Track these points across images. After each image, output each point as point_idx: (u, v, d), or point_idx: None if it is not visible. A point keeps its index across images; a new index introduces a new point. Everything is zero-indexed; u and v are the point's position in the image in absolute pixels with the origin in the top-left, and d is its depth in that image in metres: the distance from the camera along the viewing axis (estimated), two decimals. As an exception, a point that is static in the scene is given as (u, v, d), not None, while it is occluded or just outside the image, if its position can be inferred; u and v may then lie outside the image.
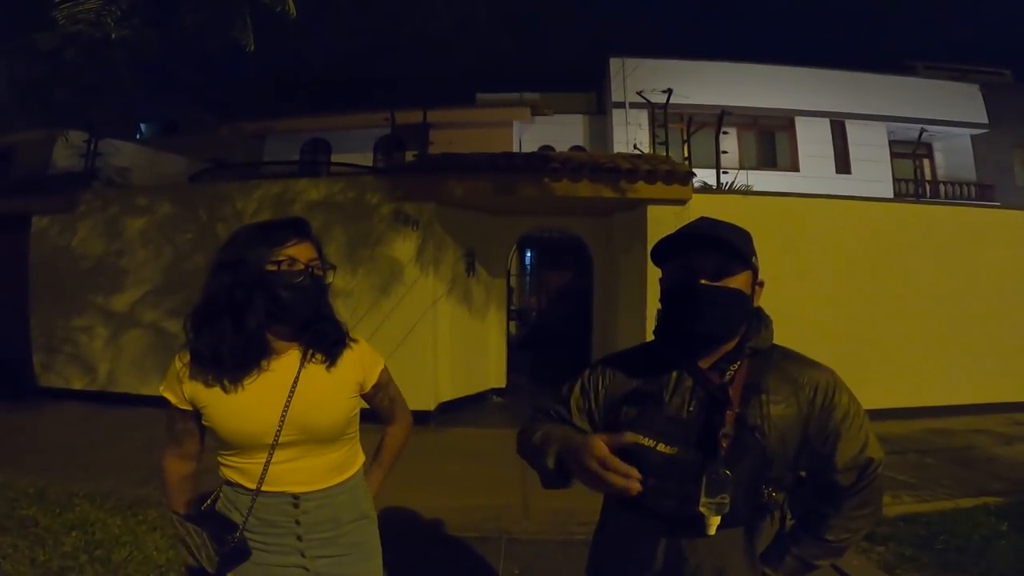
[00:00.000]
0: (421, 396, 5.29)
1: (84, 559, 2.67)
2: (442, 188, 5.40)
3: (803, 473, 1.08)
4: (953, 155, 13.76)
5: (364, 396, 1.39)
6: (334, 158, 11.31)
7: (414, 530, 3.22)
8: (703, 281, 1.02)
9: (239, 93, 13.15)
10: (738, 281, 1.03)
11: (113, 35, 3.30)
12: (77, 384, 6.09)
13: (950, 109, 13.01)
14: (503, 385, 6.69)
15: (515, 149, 11.50)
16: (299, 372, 1.22)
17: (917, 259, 6.02)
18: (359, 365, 1.33)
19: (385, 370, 1.41)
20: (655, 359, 1.14)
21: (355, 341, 1.34)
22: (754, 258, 1.07)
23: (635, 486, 0.89)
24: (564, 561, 2.82)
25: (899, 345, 5.91)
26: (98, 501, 3.26)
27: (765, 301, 1.14)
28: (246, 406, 1.18)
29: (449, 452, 4.72)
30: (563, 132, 12.05)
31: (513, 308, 7.44)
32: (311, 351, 1.26)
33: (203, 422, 1.22)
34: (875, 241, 5.99)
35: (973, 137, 13.46)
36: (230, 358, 1.16)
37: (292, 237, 1.20)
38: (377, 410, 1.46)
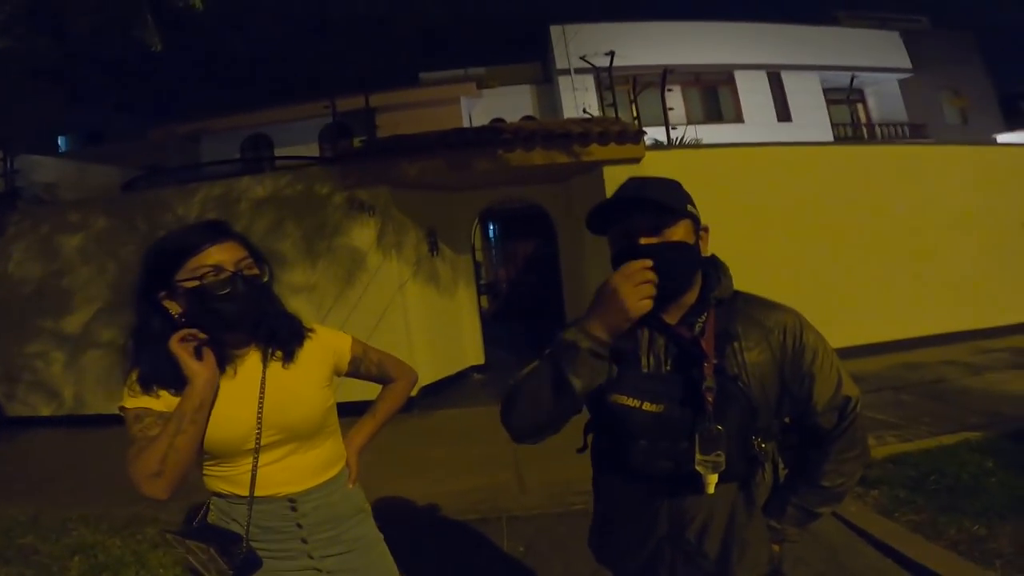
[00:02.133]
0: (401, 383, 5.24)
1: None
2: (394, 171, 5.28)
3: (788, 420, 1.11)
4: (884, 99, 14.62)
5: (349, 374, 1.35)
6: (278, 152, 10.88)
7: (412, 519, 3.20)
8: (642, 240, 1.01)
9: (167, 96, 12.45)
10: (678, 232, 1.03)
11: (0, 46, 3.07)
12: (45, 411, 5.84)
13: (875, 56, 13.72)
14: (482, 361, 6.69)
15: (465, 124, 11.32)
16: (264, 372, 1.18)
17: (865, 198, 6.25)
18: (325, 352, 1.29)
19: (355, 342, 1.37)
20: None
21: (311, 330, 1.29)
22: (689, 206, 1.06)
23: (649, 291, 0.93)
24: (566, 533, 2.81)
25: (858, 283, 6.15)
26: (92, 524, 3.17)
27: (721, 251, 1.14)
28: (221, 413, 1.13)
29: (436, 436, 4.70)
30: (512, 103, 11.94)
31: (483, 282, 7.44)
32: (270, 349, 1.20)
33: None
34: (826, 184, 6.19)
35: (900, 81, 14.30)
36: (175, 381, 1.09)
37: (207, 242, 1.09)
38: (371, 380, 1.44)
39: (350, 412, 1.55)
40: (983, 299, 6.50)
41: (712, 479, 0.98)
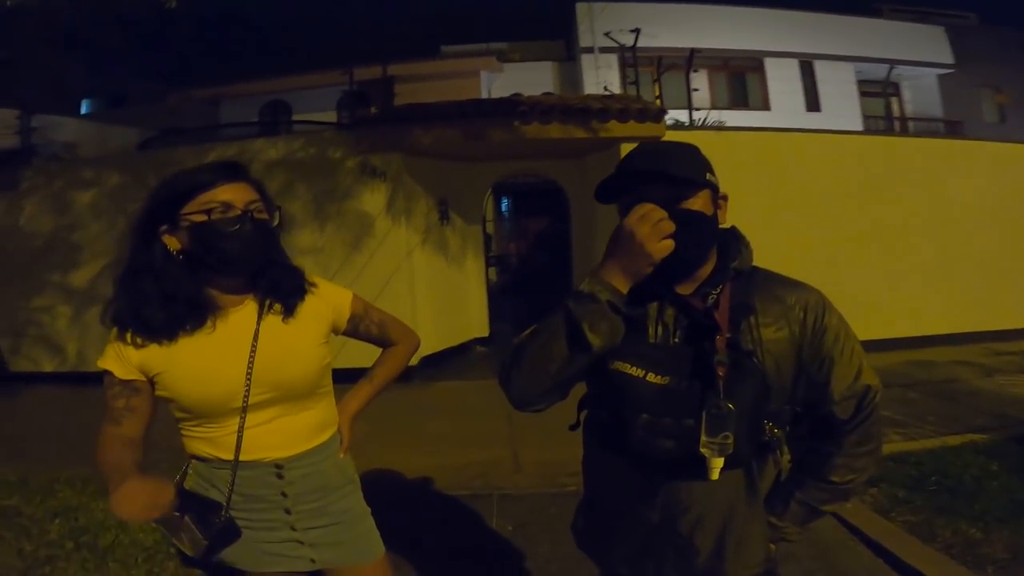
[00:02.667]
0: (402, 351, 5.21)
1: (70, 546, 2.58)
2: (408, 138, 5.21)
3: (799, 409, 1.02)
4: (920, 93, 14.06)
5: (347, 333, 1.29)
6: (296, 118, 10.84)
7: (403, 492, 3.17)
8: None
9: (189, 61, 12.46)
10: (696, 203, 0.95)
11: (8, 2, 3.06)
12: (47, 367, 5.88)
13: (916, 50, 13.18)
14: (486, 334, 6.64)
15: (484, 98, 11.16)
16: (258, 325, 1.11)
17: (891, 191, 6.05)
18: (325, 307, 1.22)
19: (356, 299, 1.30)
20: (631, 292, 1.00)
21: (314, 284, 1.22)
22: (709, 174, 0.98)
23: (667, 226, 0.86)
24: (557, 514, 2.73)
25: (876, 276, 5.99)
26: (79, 486, 3.15)
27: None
28: (207, 368, 1.06)
29: (435, 408, 4.67)
30: (533, 80, 11.67)
31: (492, 255, 7.39)
32: (268, 301, 1.14)
33: (158, 392, 1.08)
34: (849, 174, 6.01)
35: (939, 77, 13.68)
36: (159, 318, 1.03)
37: (220, 179, 1.05)
38: (370, 341, 1.37)
39: (345, 379, 1.48)
40: (1001, 301, 6.31)
41: (717, 463, 0.89)
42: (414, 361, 5.31)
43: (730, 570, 0.99)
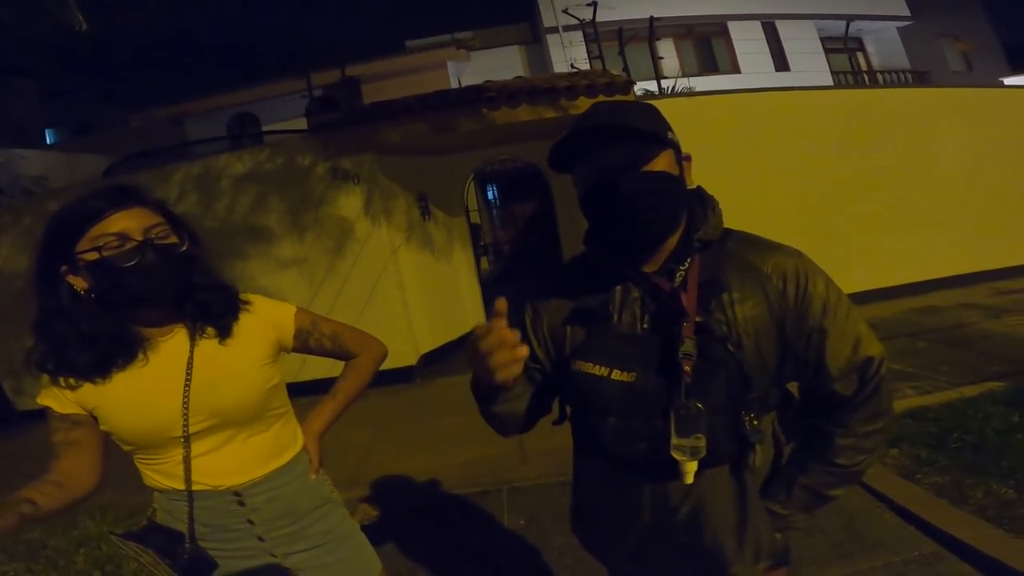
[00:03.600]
0: (401, 352, 5.17)
1: (97, 575, 2.63)
2: (377, 137, 5.13)
3: (789, 389, 0.94)
4: (884, 46, 14.26)
5: (297, 350, 1.21)
6: (265, 129, 10.68)
7: (412, 495, 3.16)
8: (620, 177, 0.84)
9: (149, 81, 12.21)
10: (660, 164, 0.86)
11: None
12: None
13: (873, 4, 13.33)
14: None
15: (453, 88, 11.05)
16: (191, 352, 1.05)
17: (872, 142, 6.06)
18: (265, 325, 1.15)
19: (301, 312, 1.21)
20: (593, 269, 0.97)
21: (248, 302, 1.15)
22: (670, 133, 0.89)
23: (521, 352, 0.73)
24: (568, 503, 2.71)
25: (869, 227, 6.01)
26: (98, 516, 3.15)
27: (723, 200, 0.97)
28: (141, 400, 1.01)
29: (438, 406, 4.65)
30: (502, 65, 11.58)
31: (483, 244, 7.33)
32: (199, 325, 1.07)
33: (100, 425, 1.04)
34: (826, 129, 6.01)
35: (900, 29, 13.89)
36: (81, 361, 0.97)
37: (108, 209, 0.95)
38: (326, 355, 1.28)
39: (311, 391, 1.46)
40: (998, 239, 6.34)
41: (691, 467, 0.82)
42: (414, 360, 5.37)
43: (734, 566, 0.92)
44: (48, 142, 12.68)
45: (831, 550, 2.22)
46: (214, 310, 1.08)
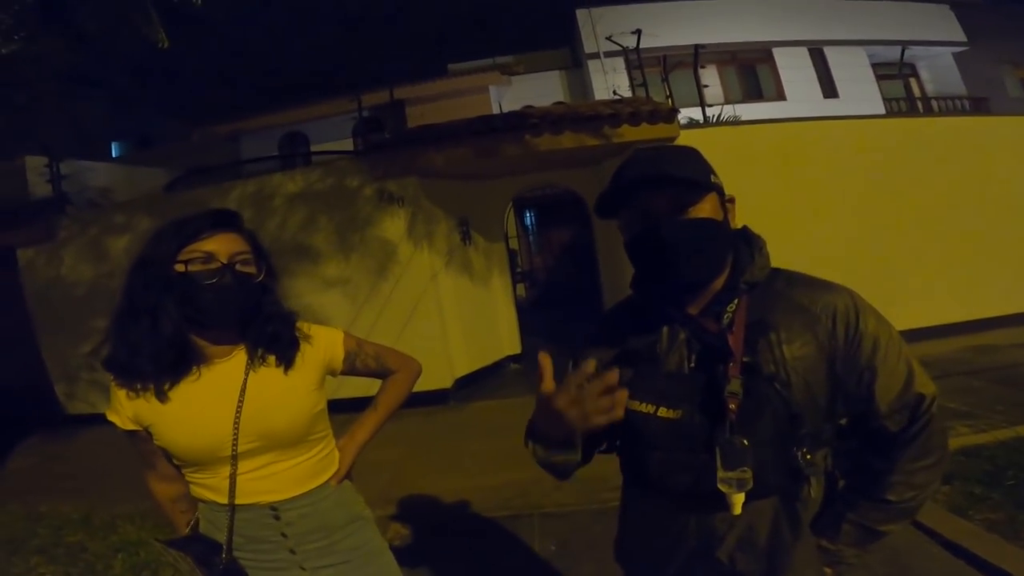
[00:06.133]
0: (436, 374, 5.22)
1: None
2: (422, 161, 5.26)
3: (843, 421, 0.92)
4: (939, 72, 13.74)
5: (345, 372, 1.28)
6: (314, 148, 11.09)
7: (443, 516, 3.17)
8: (662, 224, 0.87)
9: (209, 97, 12.87)
10: (704, 209, 0.88)
11: (3, 51, 3.22)
12: (103, 408, 6.02)
13: (927, 30, 12.96)
14: (519, 351, 6.63)
15: (495, 113, 11.25)
16: (246, 376, 1.11)
17: (925, 173, 5.83)
18: (317, 352, 1.21)
19: (348, 337, 1.28)
20: (639, 314, 0.99)
21: (306, 332, 1.21)
22: (712, 177, 0.90)
23: (622, 395, 0.76)
24: (601, 531, 2.72)
25: (921, 262, 5.76)
26: (139, 522, 3.25)
27: (767, 233, 0.98)
28: (194, 419, 1.07)
29: (470, 429, 4.68)
30: (542, 90, 11.75)
31: (519, 270, 7.39)
32: (260, 351, 1.13)
33: (156, 443, 1.11)
34: (877, 159, 5.80)
35: (955, 55, 13.42)
36: (147, 366, 1.04)
37: (206, 230, 1.05)
38: (370, 375, 1.35)
39: (348, 409, 1.49)
40: None
41: (738, 499, 0.83)
42: (448, 384, 5.41)
43: None
44: (113, 155, 13.48)
45: (875, 584, 2.14)
46: (283, 341, 1.15)
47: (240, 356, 1.12)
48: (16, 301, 6.25)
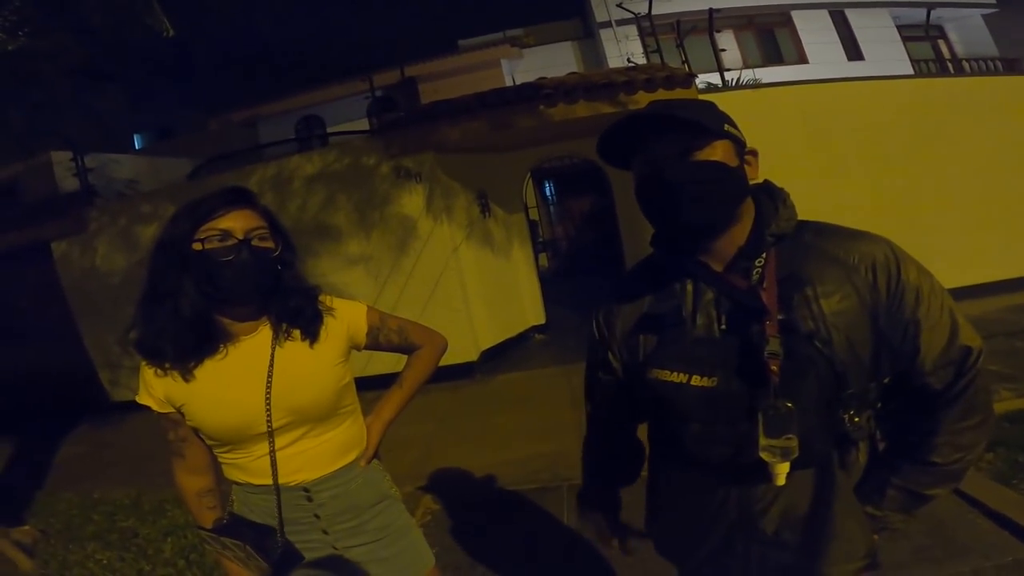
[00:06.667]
0: (462, 347, 5.28)
1: (182, 564, 2.76)
2: (436, 136, 5.27)
3: (887, 380, 0.86)
4: (968, 33, 13.16)
5: (369, 347, 1.27)
6: (330, 130, 11.16)
7: (472, 490, 3.20)
8: (666, 165, 0.83)
9: (224, 86, 12.98)
10: (715, 154, 0.83)
11: (10, 47, 3.28)
12: None
13: (953, -10, 12.36)
14: (543, 321, 6.64)
15: (508, 86, 11.15)
16: (273, 351, 1.11)
17: (957, 132, 5.61)
18: (341, 326, 1.20)
19: (371, 311, 1.27)
20: (662, 272, 0.94)
21: (329, 306, 1.21)
22: (727, 126, 0.86)
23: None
24: (631, 501, 2.69)
25: (956, 221, 5.57)
26: (184, 506, 3.36)
27: (795, 194, 0.93)
28: (225, 396, 1.07)
29: (497, 401, 4.71)
30: (555, 62, 11.56)
31: (541, 240, 7.36)
32: (285, 326, 1.13)
33: (188, 422, 1.11)
34: (907, 120, 5.60)
35: (984, 16, 12.89)
36: (172, 347, 1.05)
37: (220, 208, 1.05)
38: (393, 350, 1.34)
39: (374, 387, 1.52)
40: None
41: (783, 468, 0.79)
42: (475, 356, 5.49)
43: (826, 567, 0.87)
44: (136, 147, 13.74)
45: (915, 554, 2.12)
46: (306, 315, 1.15)
47: (265, 332, 1.13)
48: (55, 292, 6.47)
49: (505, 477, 3.24)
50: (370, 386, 1.58)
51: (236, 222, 1.05)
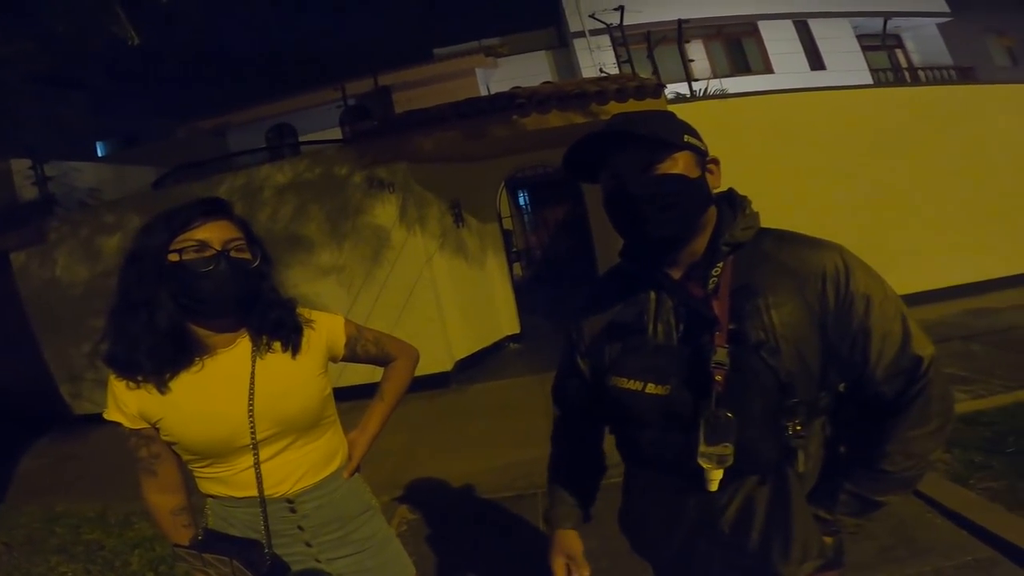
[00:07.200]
0: (436, 357, 5.27)
1: None
2: (410, 146, 5.26)
3: (842, 387, 0.88)
4: (924, 43, 13.77)
5: (347, 358, 1.27)
6: (302, 139, 11.02)
7: (448, 500, 3.20)
8: (627, 180, 0.86)
9: (192, 93, 12.72)
10: (675, 167, 0.86)
11: None
12: None
13: (910, 1, 12.93)
14: (517, 330, 6.67)
15: (483, 95, 11.18)
16: (254, 363, 1.10)
17: (914, 141, 5.86)
18: (319, 338, 1.20)
19: (348, 323, 1.28)
20: (627, 281, 0.97)
21: (308, 317, 1.21)
22: (688, 136, 0.88)
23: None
24: (604, 507, 2.71)
25: (918, 227, 5.81)
26: (156, 526, 3.28)
27: (762, 207, 0.95)
28: (206, 410, 1.05)
29: (472, 410, 4.71)
30: (529, 71, 11.66)
31: (515, 250, 7.38)
32: (265, 338, 1.12)
33: (163, 437, 1.07)
34: (866, 129, 5.83)
35: (940, 26, 13.47)
36: (148, 360, 1.02)
37: (197, 218, 1.03)
38: (370, 362, 1.35)
39: (349, 397, 1.52)
40: None
41: (716, 475, 0.82)
42: (449, 366, 5.47)
43: (781, 566, 0.89)
44: (99, 155, 13.33)
45: (880, 555, 2.18)
46: (287, 327, 1.14)
47: (244, 344, 1.11)
48: (14, 304, 6.23)
49: (481, 485, 3.25)
50: (346, 397, 1.58)
51: (213, 233, 1.03)
